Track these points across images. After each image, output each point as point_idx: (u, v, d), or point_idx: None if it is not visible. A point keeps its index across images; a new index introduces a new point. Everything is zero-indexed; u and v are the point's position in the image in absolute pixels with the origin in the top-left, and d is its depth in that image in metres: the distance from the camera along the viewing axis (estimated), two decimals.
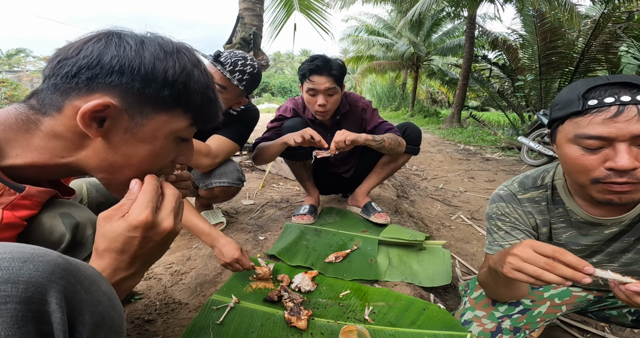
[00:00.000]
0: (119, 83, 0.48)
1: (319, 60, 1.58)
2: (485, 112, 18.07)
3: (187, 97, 0.54)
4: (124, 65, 0.48)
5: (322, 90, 1.57)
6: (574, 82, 0.75)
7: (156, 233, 0.48)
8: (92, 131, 0.48)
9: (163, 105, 0.52)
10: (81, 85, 0.48)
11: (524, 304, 0.97)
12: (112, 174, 0.54)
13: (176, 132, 0.55)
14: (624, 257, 0.87)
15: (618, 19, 5.83)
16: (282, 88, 36.43)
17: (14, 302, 0.29)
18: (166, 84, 0.51)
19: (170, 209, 0.50)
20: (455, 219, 2.44)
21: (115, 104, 0.48)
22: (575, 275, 0.60)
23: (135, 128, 0.51)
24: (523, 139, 4.73)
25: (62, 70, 0.47)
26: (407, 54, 15.68)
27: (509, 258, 0.68)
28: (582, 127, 0.68)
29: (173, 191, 0.53)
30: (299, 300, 1.07)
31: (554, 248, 0.63)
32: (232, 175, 1.52)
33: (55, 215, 0.55)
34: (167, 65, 0.51)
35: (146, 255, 0.49)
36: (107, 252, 0.47)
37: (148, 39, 0.52)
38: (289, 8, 4.01)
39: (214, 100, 0.58)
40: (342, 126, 1.74)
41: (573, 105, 0.69)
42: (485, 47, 10.77)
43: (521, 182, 0.93)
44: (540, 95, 7.27)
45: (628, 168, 0.64)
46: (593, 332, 1.25)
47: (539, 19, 6.59)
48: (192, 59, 0.55)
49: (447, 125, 10.10)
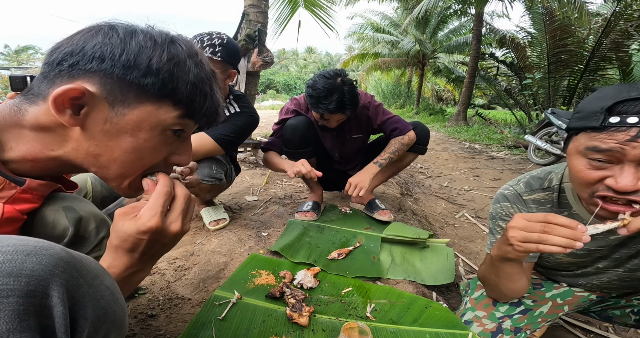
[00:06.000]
0: (98, 69, 0.47)
1: (333, 104, 1.46)
2: (491, 110, 17.90)
3: (174, 87, 0.51)
4: (105, 51, 0.47)
5: (335, 121, 1.59)
6: (605, 87, 0.71)
7: (164, 235, 0.51)
8: (65, 118, 0.47)
9: (147, 94, 0.50)
10: (64, 72, 0.47)
11: (525, 304, 0.97)
12: (101, 168, 0.53)
13: (163, 124, 0.52)
14: (630, 263, 0.85)
15: (630, 16, 5.73)
16: (287, 85, 36.38)
17: (16, 295, 0.29)
18: (149, 72, 0.49)
19: (179, 211, 0.53)
20: (460, 217, 2.43)
21: (92, 91, 0.47)
22: (574, 233, 0.62)
23: (116, 117, 0.49)
24: (530, 137, 4.68)
25: (51, 58, 0.47)
26: (413, 51, 15.54)
27: (510, 232, 0.70)
28: (595, 141, 0.64)
29: (184, 192, 0.55)
30: (301, 296, 1.07)
31: (543, 214, 0.66)
32: (202, 172, 1.44)
33: (59, 209, 0.55)
34: (152, 53, 0.49)
35: (154, 253, 0.53)
36: (119, 249, 0.51)
37: (142, 30, 0.50)
38: (293, 5, 3.98)
39: (209, 95, 0.55)
40: (346, 126, 1.73)
41: (593, 118, 0.64)
42: (492, 45, 10.65)
43: (527, 183, 0.91)
44: (549, 93, 7.18)
45: (629, 190, 0.61)
46: (596, 332, 1.24)
47: (549, 17, 6.50)
48: (189, 50, 0.53)
49: (452, 123, 10.03)
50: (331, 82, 1.47)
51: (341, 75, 1.52)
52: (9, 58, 26.70)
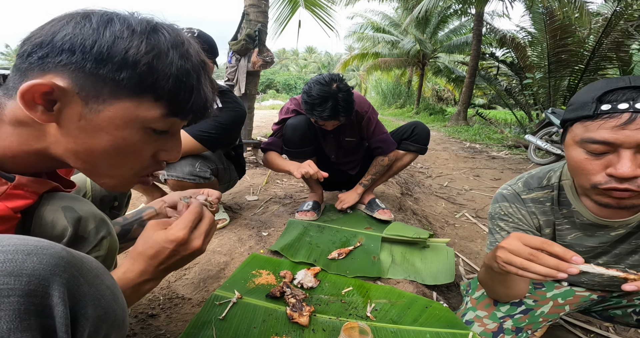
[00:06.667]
0: (68, 62, 0.43)
1: (327, 112, 1.45)
2: (492, 110, 17.90)
3: (154, 82, 0.46)
4: (75, 43, 0.43)
5: (331, 126, 1.59)
6: (596, 81, 0.73)
7: (185, 248, 0.56)
8: (37, 114, 0.44)
9: (124, 89, 0.46)
10: (34, 65, 0.43)
11: (526, 304, 0.97)
12: (84, 165, 0.51)
13: (145, 121, 0.48)
14: (630, 258, 0.86)
15: (630, 16, 5.72)
16: (287, 85, 36.40)
17: (16, 295, 0.29)
18: (124, 65, 0.44)
19: (203, 231, 0.58)
20: (460, 217, 2.43)
21: (63, 86, 0.43)
22: (560, 264, 0.60)
23: (90, 114, 0.46)
24: (530, 137, 4.68)
25: (22, 50, 0.44)
26: (413, 51, 15.55)
27: (499, 251, 0.70)
28: (590, 131, 0.66)
29: (210, 216, 0.61)
30: (301, 296, 1.07)
31: (542, 240, 0.64)
32: (182, 169, 1.39)
33: (57, 209, 0.54)
34: (129, 45, 0.44)
35: (171, 265, 0.57)
36: (141, 255, 0.55)
37: (120, 18, 0.46)
38: (294, 5, 3.98)
39: (196, 89, 0.50)
40: (341, 129, 1.73)
41: (586, 108, 0.67)
42: (492, 45, 10.66)
43: (526, 182, 0.92)
44: (549, 93, 7.18)
45: (628, 176, 0.63)
46: (597, 332, 1.24)
47: (549, 17, 6.50)
48: (173, 40, 0.48)
49: (452, 123, 10.03)
50: (326, 89, 1.45)
51: (337, 80, 1.49)
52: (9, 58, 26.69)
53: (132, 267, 0.55)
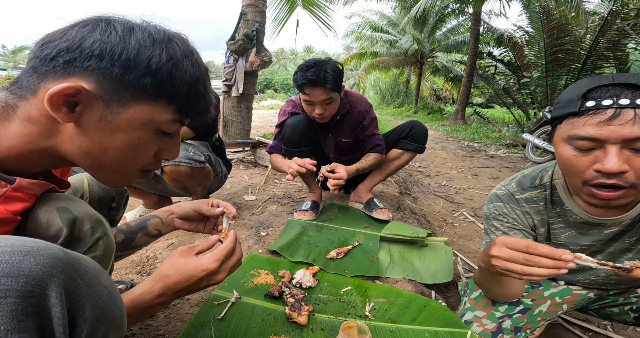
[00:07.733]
0: (96, 68, 0.46)
1: (312, 73, 1.49)
2: (489, 109, 17.94)
3: (172, 88, 0.51)
4: (105, 49, 0.46)
5: (318, 101, 1.57)
6: (580, 79, 0.74)
7: (210, 279, 0.62)
8: (60, 115, 0.46)
9: (144, 94, 0.50)
10: (58, 68, 0.46)
11: (524, 303, 0.97)
12: (92, 163, 0.52)
13: (157, 123, 0.53)
14: (624, 256, 0.86)
15: (627, 15, 5.75)
16: (285, 84, 36.38)
17: (14, 296, 0.29)
18: (149, 72, 0.48)
19: (230, 266, 0.65)
20: (458, 216, 2.43)
21: (89, 89, 0.46)
22: (557, 264, 0.61)
23: (111, 116, 0.49)
24: (528, 136, 4.70)
25: (43, 53, 0.46)
26: (411, 50, 15.57)
27: (494, 261, 0.69)
28: (577, 128, 0.68)
29: (240, 253, 0.68)
30: (300, 296, 1.07)
31: (526, 244, 0.65)
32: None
33: (52, 210, 0.54)
34: (152, 53, 0.48)
35: (189, 291, 0.62)
36: (165, 278, 0.60)
37: (139, 27, 0.49)
38: (291, 4, 3.98)
39: (202, 94, 0.55)
40: (342, 126, 1.74)
41: (572, 105, 0.68)
42: (490, 44, 10.67)
43: (519, 182, 0.92)
44: (547, 92, 7.21)
45: (615, 171, 0.63)
46: (595, 330, 1.25)
47: (546, 16, 6.52)
48: (185, 49, 0.52)
49: (451, 122, 10.05)
50: (317, 59, 1.56)
51: (330, 60, 1.59)
52: (6, 58, 26.62)
53: (152, 288, 0.59)
